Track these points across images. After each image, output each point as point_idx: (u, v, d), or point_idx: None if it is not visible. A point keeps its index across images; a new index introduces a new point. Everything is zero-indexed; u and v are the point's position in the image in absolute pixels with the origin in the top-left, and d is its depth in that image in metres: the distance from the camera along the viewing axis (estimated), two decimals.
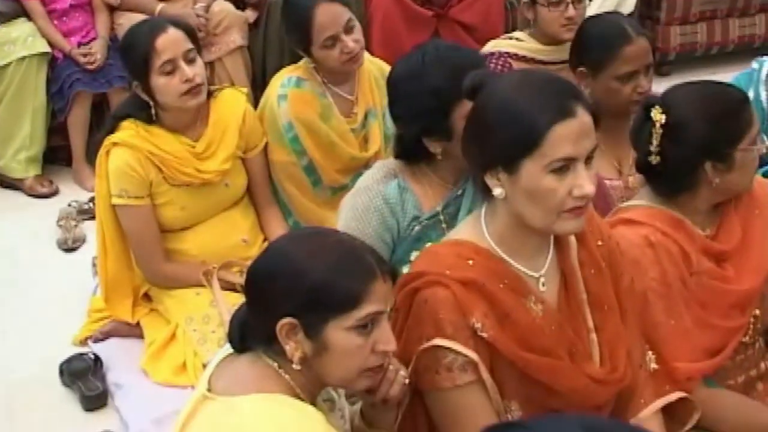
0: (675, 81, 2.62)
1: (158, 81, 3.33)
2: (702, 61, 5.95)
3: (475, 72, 2.14)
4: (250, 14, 5.09)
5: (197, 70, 3.37)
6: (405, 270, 2.33)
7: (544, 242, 2.14)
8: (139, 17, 4.42)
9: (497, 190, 2.03)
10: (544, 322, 2.09)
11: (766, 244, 2.55)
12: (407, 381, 2.04)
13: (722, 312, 2.46)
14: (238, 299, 2.40)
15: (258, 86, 4.83)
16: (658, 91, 2.64)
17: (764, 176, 2.97)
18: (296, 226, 3.68)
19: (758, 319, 2.56)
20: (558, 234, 2.11)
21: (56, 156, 5.13)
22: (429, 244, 2.46)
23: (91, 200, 4.38)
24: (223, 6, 4.98)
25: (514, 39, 3.82)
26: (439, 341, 2.03)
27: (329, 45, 3.49)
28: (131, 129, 3.41)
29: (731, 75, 3.64)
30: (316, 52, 3.52)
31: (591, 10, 4.34)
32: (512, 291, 2.08)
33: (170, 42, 3.33)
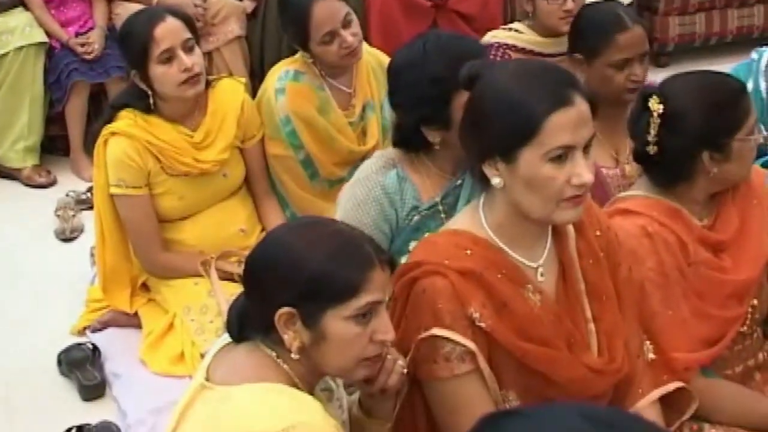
0: (673, 71, 2.62)
1: (156, 70, 3.32)
2: (700, 51, 5.94)
3: (471, 62, 2.14)
4: (248, 4, 5.08)
5: (195, 60, 3.36)
6: (403, 260, 2.33)
7: (543, 232, 2.14)
8: (137, 7, 4.41)
9: (495, 180, 2.03)
10: (542, 312, 2.10)
11: (764, 234, 2.55)
12: (405, 371, 2.04)
13: (720, 302, 2.47)
14: (236, 289, 2.40)
15: (256, 76, 4.83)
16: (656, 82, 2.64)
17: (763, 166, 2.97)
18: (294, 218, 3.68)
19: (756, 309, 2.56)
20: (556, 223, 2.10)
21: (54, 146, 5.13)
22: (427, 234, 2.46)
23: (89, 190, 4.38)
24: None
25: (513, 30, 3.81)
26: (438, 331, 2.04)
27: (327, 41, 3.46)
28: (129, 118, 3.40)
29: (730, 66, 3.63)
30: (315, 48, 3.50)
31: None
32: (510, 281, 2.08)
33: (168, 31, 3.32)
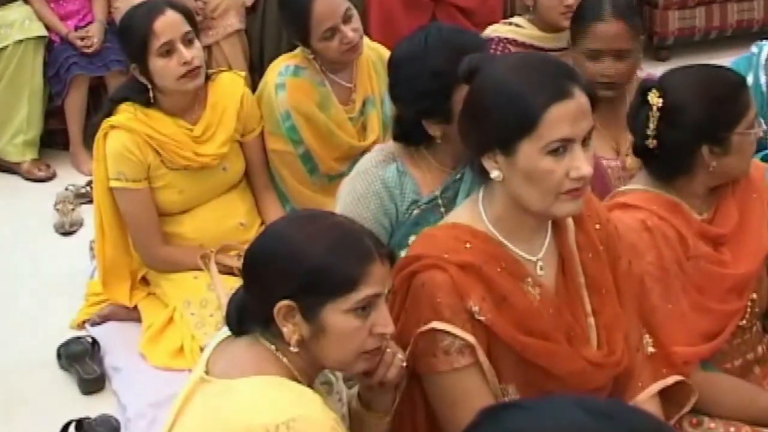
0: (673, 65, 2.62)
1: (156, 63, 3.32)
2: (700, 45, 5.93)
3: (470, 55, 2.13)
4: None
5: (195, 53, 3.36)
6: (403, 254, 2.33)
7: (542, 225, 2.14)
8: (136, 0, 4.40)
9: (494, 173, 2.02)
10: (541, 305, 2.10)
11: (764, 228, 2.55)
12: (404, 364, 2.04)
13: (719, 296, 2.47)
14: (236, 283, 2.40)
15: (255, 70, 4.83)
16: (655, 75, 2.63)
17: (762, 160, 2.97)
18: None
19: (755, 303, 2.56)
20: (556, 216, 2.10)
21: (53, 140, 5.12)
22: (427, 228, 2.46)
23: (89, 184, 4.38)
24: None
25: (514, 25, 3.80)
26: (437, 324, 2.04)
27: (328, 36, 3.45)
28: (129, 112, 3.40)
29: (730, 59, 3.62)
30: (316, 43, 3.49)
31: None
32: (510, 274, 2.08)
33: (168, 24, 3.32)
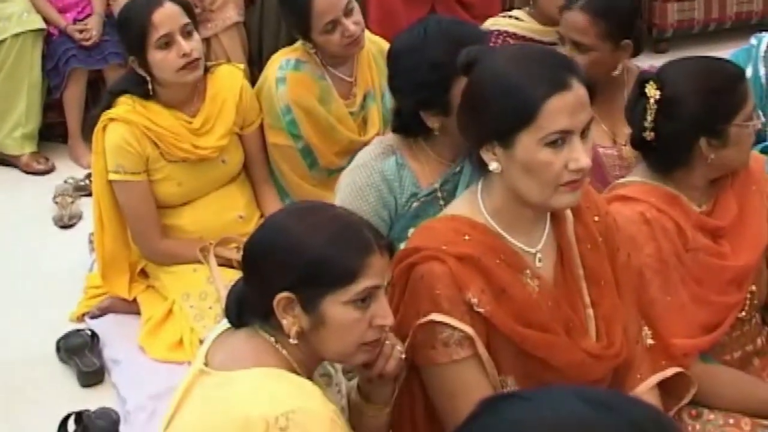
0: (672, 58, 2.61)
1: (155, 56, 3.32)
2: (699, 37, 5.93)
3: (469, 47, 2.13)
4: None
5: (194, 45, 3.36)
6: (402, 246, 2.33)
7: (541, 217, 2.14)
8: None
9: (493, 165, 2.02)
10: (540, 297, 2.10)
11: (763, 219, 2.56)
12: (404, 356, 2.04)
13: (719, 288, 2.47)
14: (235, 275, 2.41)
15: (254, 63, 4.82)
16: (654, 67, 2.63)
17: (762, 152, 2.97)
18: None
19: (755, 295, 2.56)
20: (554, 208, 2.10)
21: (52, 133, 5.12)
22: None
23: (88, 177, 4.37)
24: None
25: (513, 18, 3.80)
26: (436, 316, 2.04)
27: (329, 29, 3.43)
28: (128, 104, 3.40)
29: (729, 51, 3.61)
30: (317, 37, 3.47)
31: None
32: (508, 266, 2.08)
33: (167, 16, 3.32)
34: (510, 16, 3.83)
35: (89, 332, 3.49)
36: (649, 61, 3.20)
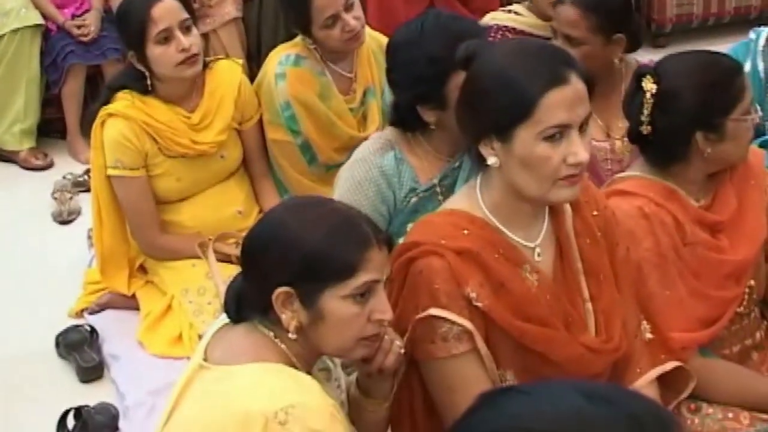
0: (671, 52, 2.61)
1: (154, 50, 3.32)
2: (698, 32, 5.92)
3: (468, 41, 2.13)
4: None
5: (193, 40, 3.36)
6: (401, 242, 2.33)
7: (539, 212, 2.14)
8: None
9: (491, 159, 2.02)
10: (539, 291, 2.10)
11: (762, 214, 2.55)
12: (403, 351, 2.04)
13: (717, 282, 2.47)
14: (234, 271, 2.40)
15: (253, 58, 4.81)
16: (653, 62, 2.63)
17: (761, 147, 2.97)
18: None
19: (754, 290, 2.56)
20: (552, 203, 2.10)
21: (51, 128, 5.11)
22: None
23: (86, 172, 4.38)
24: None
25: (513, 12, 3.79)
26: (435, 311, 2.04)
27: (330, 24, 3.42)
28: (126, 100, 3.40)
29: (728, 46, 3.61)
30: (317, 32, 3.46)
31: None
32: (507, 261, 2.08)
33: (166, 11, 3.32)
34: (509, 11, 3.82)
35: (88, 328, 3.49)
36: (648, 56, 3.20)
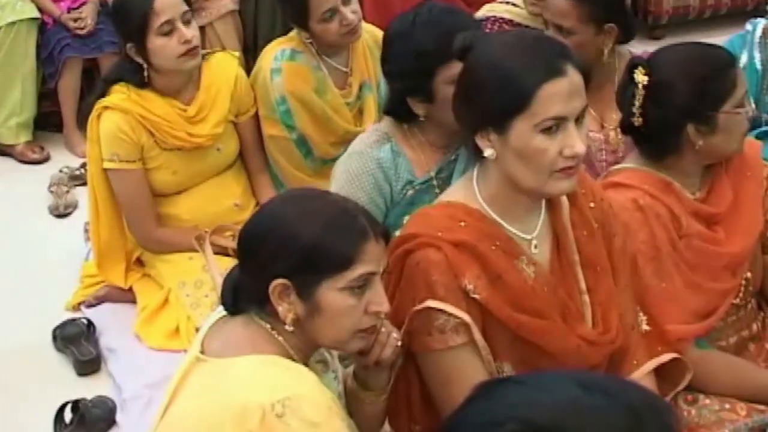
0: (668, 44, 2.61)
1: (156, 42, 3.31)
2: (695, 24, 5.91)
3: (464, 32, 2.13)
4: None
5: (194, 32, 3.36)
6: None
7: (536, 204, 2.14)
8: None
9: (488, 151, 2.02)
10: (536, 283, 2.10)
11: (758, 206, 2.55)
12: (399, 343, 2.04)
13: (713, 274, 2.47)
14: (231, 264, 2.40)
15: (249, 51, 4.81)
16: (647, 53, 2.63)
17: (757, 138, 2.97)
18: None
19: (750, 282, 2.57)
20: (549, 195, 2.10)
21: (47, 122, 5.09)
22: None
23: (83, 166, 4.37)
24: None
25: (510, 4, 3.79)
26: (432, 303, 2.04)
27: (328, 18, 3.41)
28: (122, 93, 3.39)
29: (724, 38, 3.61)
30: (315, 26, 3.45)
31: None
32: (504, 253, 2.08)
33: (168, 3, 3.31)
34: (507, 2, 3.81)
35: (85, 321, 3.49)
36: (645, 48, 3.18)
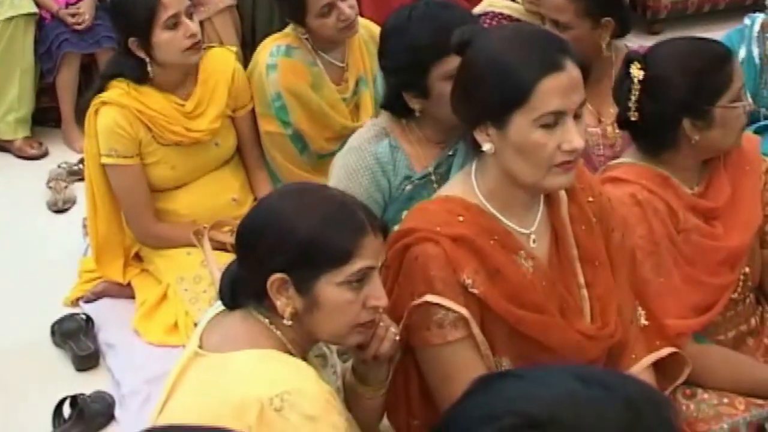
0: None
1: (162, 36, 3.30)
2: (694, 19, 5.91)
3: (463, 27, 2.12)
4: None
5: (197, 27, 3.35)
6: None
7: (534, 199, 2.14)
8: None
9: (486, 146, 2.02)
10: (534, 278, 2.10)
11: (756, 200, 2.55)
12: (398, 337, 2.04)
13: (711, 269, 2.47)
14: (229, 259, 2.40)
15: (247, 46, 4.80)
16: (644, 47, 2.62)
17: (755, 133, 2.96)
18: None
19: (748, 276, 2.56)
20: (548, 189, 2.10)
21: (45, 117, 5.10)
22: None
23: (81, 161, 4.36)
24: None
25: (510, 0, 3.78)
26: (430, 298, 2.04)
27: (325, 12, 3.41)
28: (120, 88, 3.38)
29: (723, 33, 3.61)
30: (312, 21, 3.45)
31: None
32: (502, 247, 2.08)
33: None
34: None
35: (84, 316, 3.49)
36: (644, 43, 3.17)
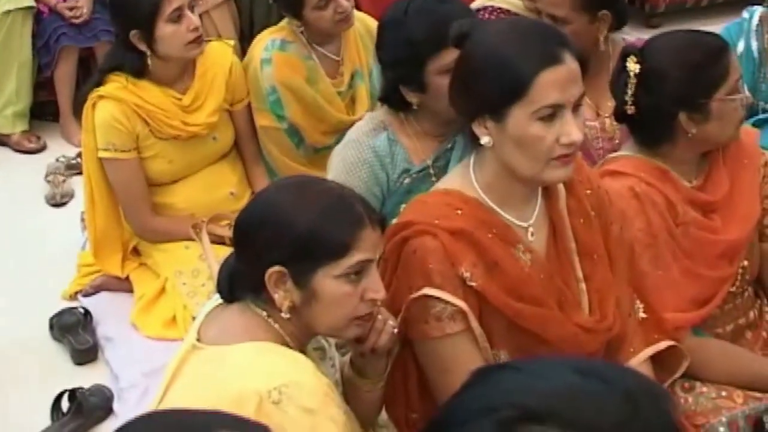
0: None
1: (165, 29, 3.29)
2: (692, 12, 5.90)
3: (461, 20, 2.12)
4: None
5: (198, 20, 3.35)
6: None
7: (533, 192, 2.14)
8: None
9: (485, 139, 2.02)
10: (532, 271, 2.10)
11: (755, 193, 2.55)
12: (396, 330, 2.04)
13: (710, 262, 2.47)
14: (227, 252, 2.40)
15: (245, 39, 4.79)
16: (641, 40, 2.62)
17: (754, 126, 2.96)
18: None
19: (747, 270, 2.56)
20: (546, 182, 2.10)
21: (43, 111, 5.09)
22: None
23: (79, 155, 4.35)
24: None
25: None
26: (428, 291, 2.04)
27: (322, 5, 3.40)
28: (118, 82, 3.38)
29: (721, 26, 3.61)
30: (309, 13, 3.44)
31: None
32: (501, 240, 2.08)
33: None
34: None
35: (82, 310, 3.49)
36: (642, 37, 3.17)
